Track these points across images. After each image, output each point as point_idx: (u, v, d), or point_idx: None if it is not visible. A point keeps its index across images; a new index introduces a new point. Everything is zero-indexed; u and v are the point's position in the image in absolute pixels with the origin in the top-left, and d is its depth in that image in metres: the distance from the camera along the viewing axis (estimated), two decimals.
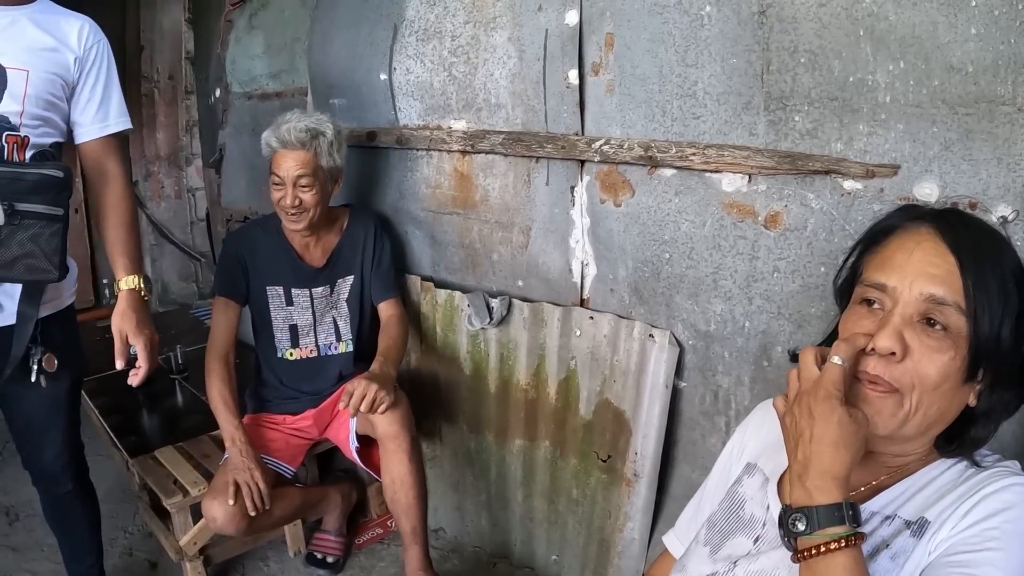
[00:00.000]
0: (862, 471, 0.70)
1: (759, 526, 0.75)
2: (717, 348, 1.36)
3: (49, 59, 1.26)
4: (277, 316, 1.68)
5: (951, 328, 0.61)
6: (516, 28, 1.47)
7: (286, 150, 1.55)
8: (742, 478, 0.81)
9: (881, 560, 0.63)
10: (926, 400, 0.62)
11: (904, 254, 0.64)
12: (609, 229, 1.43)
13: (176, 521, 1.65)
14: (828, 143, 1.11)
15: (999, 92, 0.94)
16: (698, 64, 1.23)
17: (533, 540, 1.76)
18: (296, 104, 2.19)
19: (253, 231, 1.71)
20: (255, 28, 2.38)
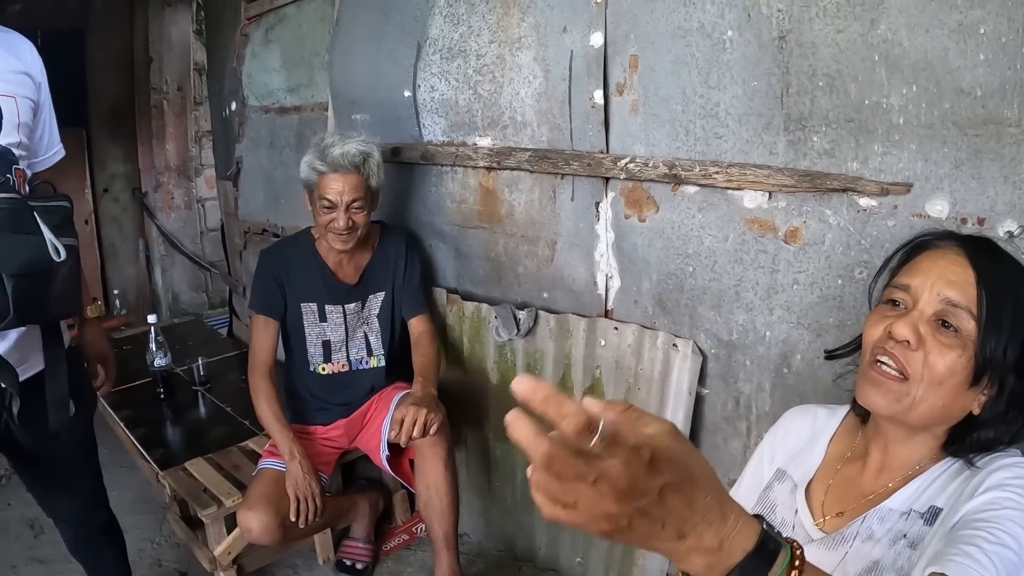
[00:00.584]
0: (880, 477, 0.79)
1: (789, 528, 0.84)
2: (739, 356, 1.45)
3: (25, 84, 1.21)
4: (311, 332, 1.77)
5: (962, 331, 0.70)
6: (541, 49, 1.57)
7: (337, 174, 1.61)
8: (773, 484, 0.90)
9: (900, 549, 0.72)
10: (932, 393, 0.71)
11: (930, 262, 0.74)
12: (634, 243, 1.53)
13: (210, 532, 1.74)
14: (845, 162, 1.21)
15: (1006, 114, 1.04)
16: (720, 86, 1.33)
17: (558, 543, 1.86)
18: (316, 119, 2.30)
19: (287, 248, 1.80)
20: (271, 42, 2.48)
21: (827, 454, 0.87)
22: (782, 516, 0.85)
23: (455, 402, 1.92)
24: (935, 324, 0.71)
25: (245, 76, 2.63)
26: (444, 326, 1.91)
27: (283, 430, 1.65)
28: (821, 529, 0.80)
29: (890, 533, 0.74)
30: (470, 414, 1.91)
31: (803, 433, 0.91)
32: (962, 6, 1.03)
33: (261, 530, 1.56)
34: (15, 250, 1.09)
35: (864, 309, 1.26)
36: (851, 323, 1.28)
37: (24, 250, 1.11)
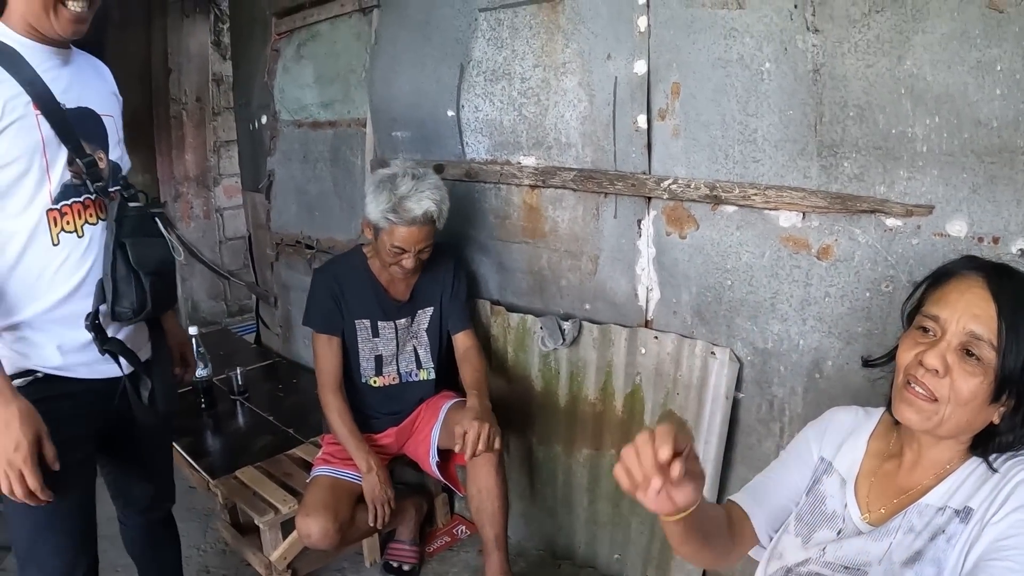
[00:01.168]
0: (916, 475, 0.94)
1: (839, 520, 0.99)
2: (773, 363, 1.61)
3: (115, 105, 1.37)
4: (364, 347, 1.91)
5: (983, 359, 0.85)
6: (586, 74, 1.73)
7: (413, 227, 1.72)
8: (822, 477, 1.05)
9: (939, 542, 0.87)
10: (957, 412, 0.86)
11: (957, 294, 0.89)
12: (674, 258, 1.69)
13: (266, 537, 1.88)
14: (873, 186, 1.37)
15: (1019, 144, 1.20)
16: (758, 114, 1.49)
17: (596, 541, 2.02)
18: (352, 134, 2.44)
19: (341, 267, 1.92)
20: (304, 58, 2.63)
21: (867, 449, 1.02)
22: (832, 508, 1.00)
23: (499, 408, 2.06)
24: (960, 353, 0.86)
25: (277, 91, 2.77)
26: (488, 336, 2.07)
27: (359, 444, 1.81)
28: (867, 522, 0.95)
29: (929, 527, 0.88)
30: (514, 420, 2.06)
31: (845, 426, 1.06)
32: (981, 45, 1.19)
33: (321, 535, 1.71)
34: (150, 251, 1.29)
35: (889, 319, 1.43)
36: (878, 332, 1.45)
37: (156, 251, 1.31)
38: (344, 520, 1.75)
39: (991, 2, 1.18)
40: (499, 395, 2.08)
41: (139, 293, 1.27)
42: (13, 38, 1.19)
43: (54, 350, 1.26)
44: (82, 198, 1.24)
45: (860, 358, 1.09)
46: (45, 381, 1.26)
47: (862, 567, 0.91)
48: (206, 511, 2.35)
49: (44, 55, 1.21)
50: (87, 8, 1.19)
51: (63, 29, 1.18)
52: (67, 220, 1.23)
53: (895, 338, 1.37)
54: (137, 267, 1.27)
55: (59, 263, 1.23)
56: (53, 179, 1.20)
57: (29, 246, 1.20)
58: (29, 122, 1.16)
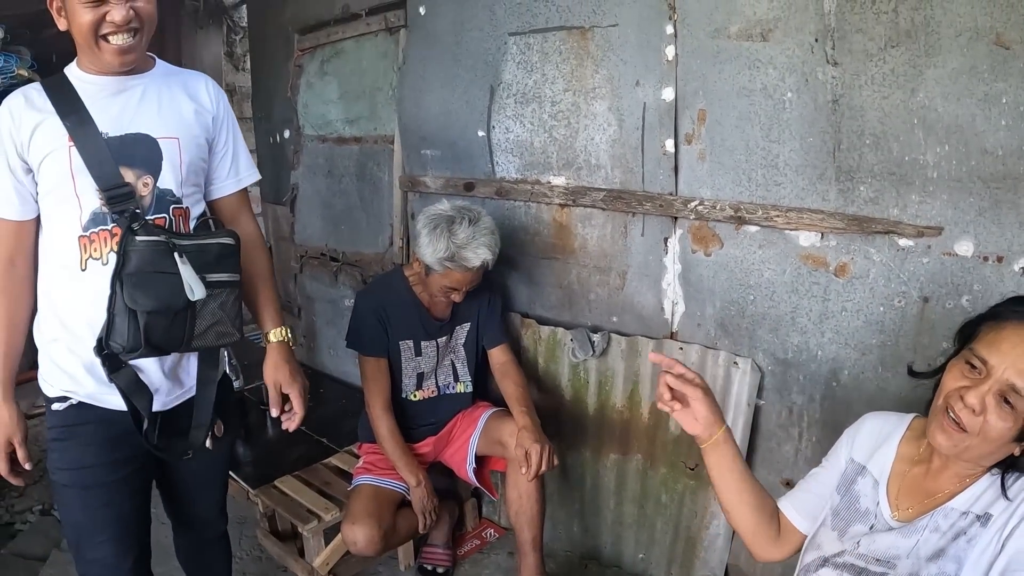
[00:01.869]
0: (941, 480, 1.08)
1: (872, 517, 1.12)
2: (793, 372, 1.77)
3: (194, 123, 1.37)
4: (407, 366, 2.05)
5: (1017, 408, 0.97)
6: (615, 100, 1.89)
7: (468, 272, 1.84)
8: (856, 478, 1.18)
9: (960, 542, 1.01)
10: (983, 446, 1.00)
11: (1010, 345, 0.99)
12: (699, 275, 1.85)
13: (309, 544, 2.02)
14: (887, 209, 1.53)
15: (1022, 171, 1.36)
16: (780, 140, 1.65)
17: (622, 542, 2.18)
18: (379, 151, 2.59)
19: (383, 291, 2.04)
20: (327, 75, 2.77)
21: (898, 453, 1.15)
22: (865, 506, 1.14)
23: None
24: (999, 398, 0.98)
25: (300, 106, 2.92)
26: (519, 348, 2.22)
27: (410, 460, 1.95)
28: (897, 519, 1.09)
29: (953, 528, 1.03)
30: (544, 427, 2.19)
31: (878, 432, 1.20)
32: (988, 79, 1.35)
33: (367, 542, 1.85)
34: (150, 288, 1.26)
35: (901, 332, 1.59)
36: (891, 344, 1.60)
37: (160, 289, 1.26)
38: (388, 527, 1.90)
39: (998, 39, 1.34)
40: None
41: (132, 331, 1.25)
42: (77, 75, 1.31)
43: (86, 375, 1.34)
44: (110, 226, 1.29)
45: (908, 366, 1.22)
46: (80, 407, 1.36)
47: (892, 559, 1.05)
48: (240, 519, 2.48)
49: (101, 86, 1.30)
50: (132, 37, 1.24)
51: (110, 62, 1.26)
52: (95, 247, 1.29)
53: (906, 349, 1.56)
54: (130, 305, 1.25)
55: (85, 289, 1.30)
56: (84, 207, 1.29)
57: (66, 269, 1.31)
58: (62, 154, 1.27)
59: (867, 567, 1.07)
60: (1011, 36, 1.32)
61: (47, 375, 1.37)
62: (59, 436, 1.36)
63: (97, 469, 1.35)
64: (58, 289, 1.33)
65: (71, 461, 1.35)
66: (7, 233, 1.31)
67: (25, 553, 2.42)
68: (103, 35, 1.23)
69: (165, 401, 1.40)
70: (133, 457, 1.39)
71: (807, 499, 1.24)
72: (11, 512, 2.59)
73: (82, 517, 1.37)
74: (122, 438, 1.36)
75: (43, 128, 1.27)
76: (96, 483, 1.35)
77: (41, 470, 2.85)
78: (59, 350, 1.35)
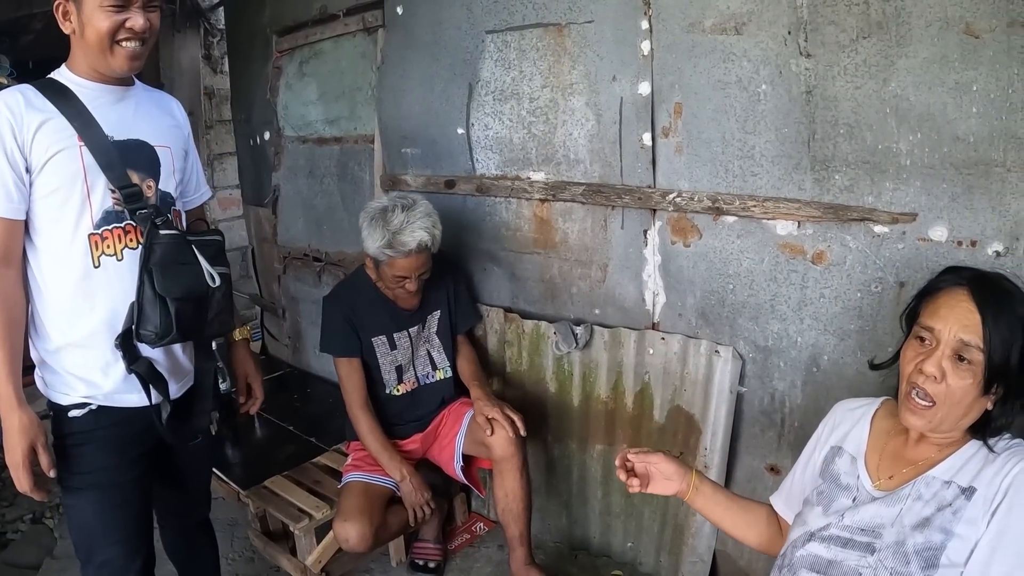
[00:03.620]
0: (921, 449, 1.08)
1: (854, 490, 1.13)
2: (774, 359, 1.75)
3: (177, 136, 1.47)
4: (384, 361, 2.01)
5: (973, 362, 0.99)
6: (593, 95, 1.85)
7: (410, 257, 1.81)
8: (833, 459, 1.19)
9: (946, 513, 1.01)
10: (954, 410, 1.01)
11: (947, 308, 1.03)
12: (679, 266, 1.81)
13: (301, 543, 1.97)
14: (862, 196, 1.51)
15: (993, 157, 1.34)
16: (756, 132, 1.62)
17: (610, 532, 2.15)
18: (360, 151, 2.53)
19: (349, 291, 2.01)
20: (307, 76, 2.70)
21: (873, 428, 1.16)
22: (847, 482, 1.14)
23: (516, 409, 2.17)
24: (954, 359, 1.00)
25: (280, 107, 2.84)
26: (503, 342, 2.17)
27: (392, 456, 1.91)
28: (879, 488, 1.09)
29: (936, 498, 1.02)
30: (530, 419, 2.16)
31: (849, 417, 1.21)
32: (959, 68, 1.34)
33: (358, 539, 1.81)
34: (178, 278, 1.33)
35: (879, 317, 1.57)
36: (869, 329, 1.59)
37: (186, 278, 1.35)
38: (379, 523, 1.86)
39: (968, 28, 1.32)
40: (516, 396, 2.20)
41: (164, 318, 1.32)
42: (72, 79, 1.33)
43: (103, 376, 1.36)
44: (123, 224, 1.33)
45: (868, 362, 1.23)
46: (99, 412, 1.37)
47: (876, 528, 1.05)
48: (231, 521, 2.42)
49: (99, 92, 1.33)
50: (141, 45, 1.29)
51: (120, 66, 1.30)
52: (107, 244, 1.32)
53: (884, 334, 1.55)
54: (163, 293, 1.31)
55: (100, 285, 1.33)
56: (94, 205, 1.31)
57: (76, 268, 1.31)
58: (72, 153, 1.28)
59: (852, 537, 1.07)
60: (980, 25, 1.30)
61: (58, 385, 1.36)
62: (77, 442, 1.36)
63: (112, 471, 1.38)
64: (65, 290, 1.32)
65: (88, 465, 1.36)
66: (2, 231, 1.28)
67: (18, 562, 2.35)
68: (118, 40, 1.27)
69: (174, 389, 1.45)
70: (144, 455, 1.44)
71: (795, 491, 1.26)
72: (2, 522, 2.52)
73: (94, 520, 1.38)
74: (136, 437, 1.40)
75: (48, 127, 1.27)
76: (110, 484, 1.37)
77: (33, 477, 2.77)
78: (70, 357, 1.35)
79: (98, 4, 1.23)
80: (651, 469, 1.24)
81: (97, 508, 1.37)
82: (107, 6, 1.23)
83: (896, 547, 1.01)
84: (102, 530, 1.39)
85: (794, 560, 1.12)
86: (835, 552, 1.07)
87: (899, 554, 1.01)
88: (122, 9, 1.24)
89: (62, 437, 1.36)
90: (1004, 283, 1.04)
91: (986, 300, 1.01)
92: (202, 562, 1.77)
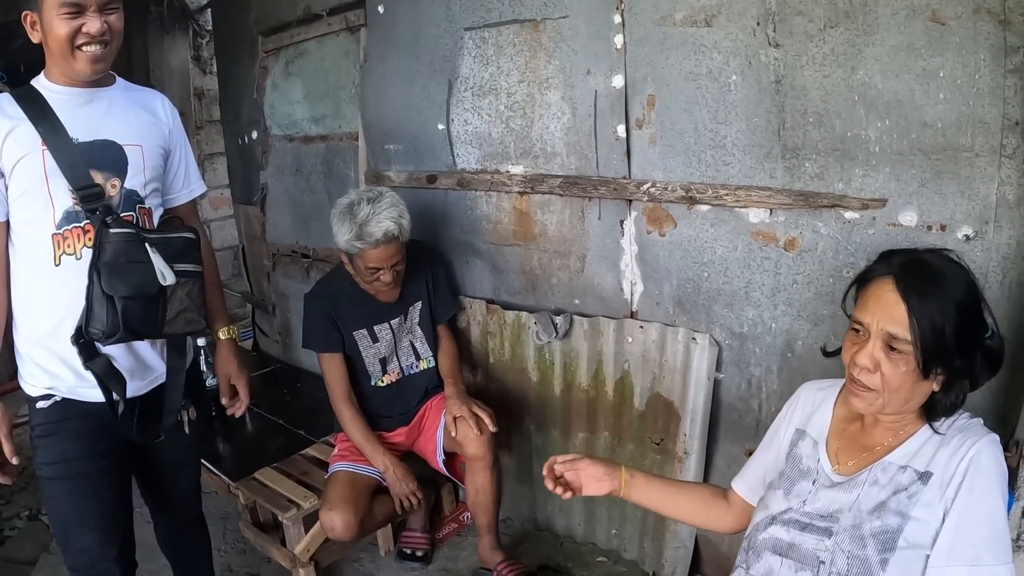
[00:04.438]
0: (876, 434, 1.07)
1: (814, 473, 1.12)
2: (750, 345, 1.75)
3: (154, 133, 1.45)
4: (368, 353, 2.01)
5: (904, 351, 0.98)
6: (568, 89, 1.84)
7: (379, 248, 1.80)
8: (797, 442, 1.19)
9: (901, 497, 1.00)
10: (895, 395, 1.00)
11: (874, 301, 1.01)
12: (656, 255, 1.81)
13: (290, 532, 1.97)
14: (832, 183, 1.51)
15: (961, 142, 1.34)
16: (727, 122, 1.61)
17: (595, 519, 2.14)
18: (345, 148, 2.52)
19: (330, 288, 2.01)
20: (292, 75, 2.69)
21: (834, 414, 1.16)
22: (808, 465, 1.14)
23: (500, 399, 2.18)
24: (885, 349, 0.99)
25: (267, 107, 2.83)
26: (486, 333, 2.17)
27: (375, 446, 1.92)
28: (839, 473, 1.09)
29: (892, 482, 1.02)
30: (513, 410, 2.17)
31: (813, 400, 1.20)
32: (925, 55, 1.33)
33: (344, 527, 1.81)
34: (125, 276, 1.32)
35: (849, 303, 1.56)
36: (841, 314, 1.55)
37: (134, 276, 1.32)
38: (364, 512, 1.86)
39: (934, 16, 1.32)
40: (498, 387, 2.20)
41: (111, 316, 1.30)
42: (45, 85, 1.35)
43: (66, 369, 1.38)
44: (82, 223, 1.34)
45: (821, 349, 1.22)
46: (64, 403, 1.39)
47: (834, 514, 1.05)
48: (223, 514, 2.42)
49: (68, 96, 1.35)
50: (102, 48, 1.29)
51: (83, 70, 1.30)
52: (68, 243, 1.34)
53: None
54: (108, 291, 1.30)
55: (60, 283, 1.34)
56: (56, 206, 1.33)
57: (41, 265, 1.34)
58: (35, 158, 1.31)
59: (811, 523, 1.07)
60: (946, 12, 1.30)
61: (28, 376, 1.40)
62: (44, 432, 1.38)
63: (81, 461, 1.38)
64: (32, 286, 1.36)
65: (56, 455, 1.38)
66: None
67: (15, 558, 2.35)
68: (78, 45, 1.28)
69: (138, 387, 1.44)
70: (113, 448, 1.43)
71: (756, 474, 1.26)
72: None
73: (68, 509, 1.40)
74: (103, 430, 1.40)
75: (16, 133, 1.30)
76: (80, 474, 1.38)
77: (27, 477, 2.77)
78: (37, 349, 1.38)
79: (55, 12, 1.24)
80: (580, 475, 1.24)
81: (69, 497, 1.39)
82: (63, 14, 1.24)
83: (853, 531, 1.02)
84: (77, 518, 1.40)
85: (757, 542, 1.13)
86: (794, 535, 1.08)
87: (856, 538, 1.01)
88: (77, 15, 1.25)
89: (33, 427, 1.39)
90: (937, 264, 1.01)
91: (910, 288, 0.98)
92: (194, 557, 1.77)
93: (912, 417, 1.05)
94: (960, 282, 1.00)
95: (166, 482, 1.62)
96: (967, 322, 0.98)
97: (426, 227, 2.25)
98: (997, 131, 1.29)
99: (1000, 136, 1.29)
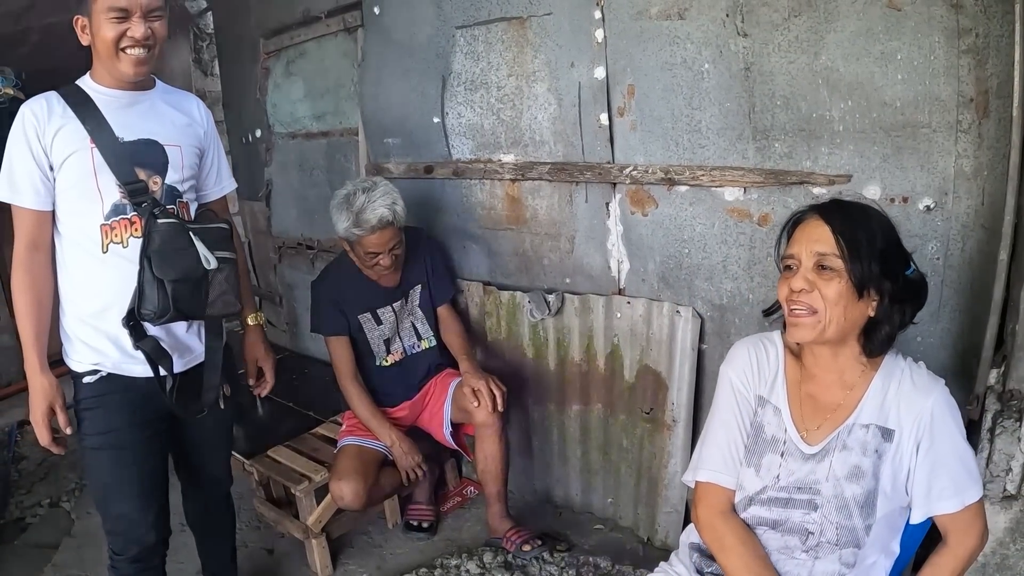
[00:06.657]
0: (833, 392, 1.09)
1: (781, 444, 1.11)
2: (730, 316, 1.84)
3: (191, 134, 1.55)
4: (372, 336, 2.11)
5: (835, 267, 1.02)
6: (554, 81, 1.95)
7: (375, 234, 1.89)
8: (758, 410, 1.15)
9: (872, 457, 1.05)
10: (834, 312, 1.03)
11: (800, 232, 1.07)
12: (639, 234, 1.91)
13: (302, 504, 2.07)
14: (800, 161, 1.60)
15: (919, 119, 1.42)
16: (701, 107, 1.71)
17: (591, 488, 2.25)
18: (345, 143, 2.62)
19: (335, 275, 2.10)
20: (293, 75, 2.79)
21: (787, 378, 1.14)
22: (771, 434, 1.13)
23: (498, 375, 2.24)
24: (817, 269, 1.04)
25: (270, 106, 2.93)
26: (483, 314, 2.28)
27: (381, 421, 2.02)
28: (807, 441, 1.09)
29: (860, 444, 1.06)
30: (510, 385, 2.25)
31: (755, 359, 1.17)
32: (883, 39, 1.42)
33: (352, 496, 1.91)
34: (174, 262, 1.42)
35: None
36: None
37: (182, 262, 1.43)
38: (372, 482, 1.97)
39: (890, 2, 1.40)
40: (496, 364, 2.30)
41: (161, 298, 1.41)
42: (92, 87, 1.45)
43: (112, 347, 1.47)
44: (129, 215, 1.44)
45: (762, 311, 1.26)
46: (109, 378, 1.49)
47: (813, 484, 1.08)
48: (237, 495, 2.46)
49: (114, 97, 1.45)
50: (146, 52, 1.39)
51: (127, 71, 1.40)
52: (116, 233, 1.44)
53: None
54: (160, 275, 1.40)
55: (108, 269, 1.45)
56: (105, 200, 1.43)
57: (89, 253, 1.44)
58: (84, 154, 1.41)
59: (792, 497, 1.09)
60: None
61: (75, 354, 1.49)
62: (90, 405, 1.48)
63: (124, 432, 1.47)
64: (83, 272, 1.45)
65: (102, 426, 1.47)
66: (30, 221, 1.42)
67: (38, 542, 2.45)
68: (123, 48, 1.37)
69: (181, 364, 1.54)
70: (154, 420, 1.53)
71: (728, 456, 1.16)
72: (21, 508, 2.63)
73: (110, 477, 1.49)
74: (145, 403, 1.50)
75: (65, 131, 1.40)
76: (122, 444, 1.48)
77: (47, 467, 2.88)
78: (85, 328, 1.47)
79: (104, 17, 1.34)
80: None
81: (110, 466, 1.48)
82: (111, 18, 1.34)
83: (837, 500, 1.05)
84: (116, 486, 1.50)
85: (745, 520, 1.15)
86: (778, 513, 1.10)
87: (841, 507, 1.05)
88: (124, 19, 1.34)
89: (78, 401, 1.48)
90: (858, 202, 1.08)
91: (832, 213, 1.05)
92: (220, 531, 1.88)
93: (859, 368, 1.08)
94: (878, 215, 1.07)
95: (203, 458, 1.72)
96: (889, 245, 1.04)
97: (424, 215, 2.36)
98: (952, 108, 1.37)
99: (956, 112, 1.38)
